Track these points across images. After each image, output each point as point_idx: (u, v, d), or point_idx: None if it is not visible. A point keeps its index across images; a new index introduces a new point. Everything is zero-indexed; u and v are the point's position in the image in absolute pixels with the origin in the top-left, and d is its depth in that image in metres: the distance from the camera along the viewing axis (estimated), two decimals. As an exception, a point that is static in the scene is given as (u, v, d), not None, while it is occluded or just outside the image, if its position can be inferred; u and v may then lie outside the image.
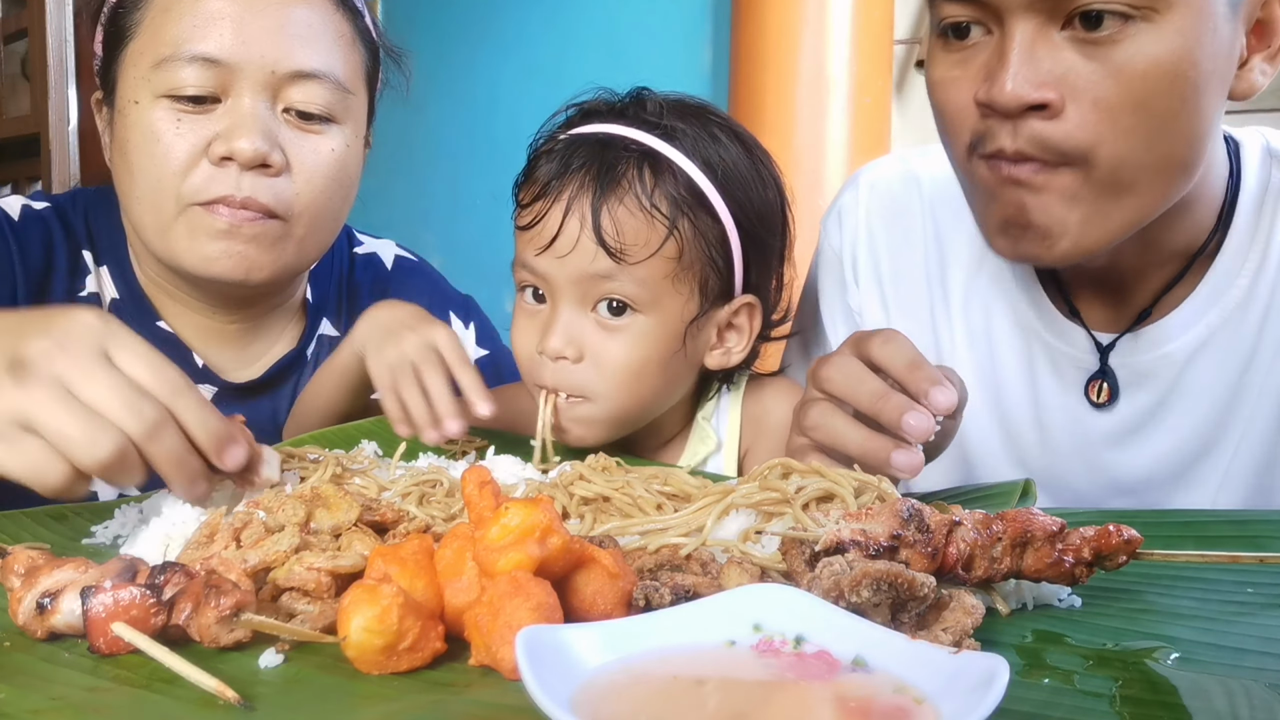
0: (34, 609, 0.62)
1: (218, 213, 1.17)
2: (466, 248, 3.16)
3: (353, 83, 1.25)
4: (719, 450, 1.19)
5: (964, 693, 0.47)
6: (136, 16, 1.19)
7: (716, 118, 1.15)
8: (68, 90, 4.32)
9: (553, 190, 1.07)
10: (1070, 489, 1.18)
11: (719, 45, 2.98)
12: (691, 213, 1.08)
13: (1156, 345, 1.11)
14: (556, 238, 1.06)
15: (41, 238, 1.28)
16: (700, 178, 1.08)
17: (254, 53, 1.16)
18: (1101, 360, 1.13)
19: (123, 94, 1.20)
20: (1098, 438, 1.15)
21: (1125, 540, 0.67)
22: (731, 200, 1.10)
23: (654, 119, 1.10)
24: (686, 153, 1.09)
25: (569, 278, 1.07)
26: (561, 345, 1.08)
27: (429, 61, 3.25)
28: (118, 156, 1.22)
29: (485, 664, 0.57)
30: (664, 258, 1.07)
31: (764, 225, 1.14)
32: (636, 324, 1.08)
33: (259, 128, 1.16)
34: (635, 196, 1.06)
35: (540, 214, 1.08)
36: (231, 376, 1.34)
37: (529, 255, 1.09)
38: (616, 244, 1.05)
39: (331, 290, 1.44)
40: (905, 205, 1.27)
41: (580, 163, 1.07)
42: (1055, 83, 0.92)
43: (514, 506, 0.60)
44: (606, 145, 1.08)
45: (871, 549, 0.63)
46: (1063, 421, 1.17)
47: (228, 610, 0.59)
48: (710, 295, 1.11)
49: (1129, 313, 1.13)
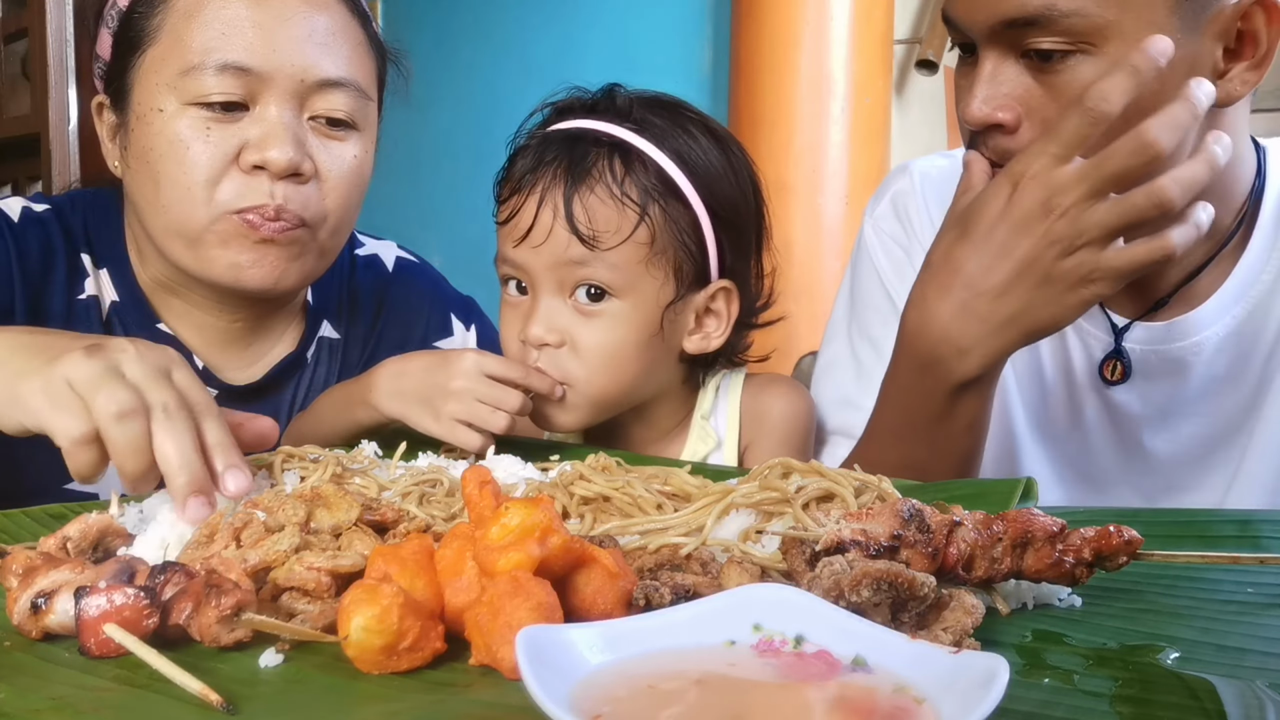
0: (28, 609, 0.62)
1: (251, 221, 1.17)
2: (467, 248, 3.15)
3: (370, 89, 1.26)
4: (719, 448, 1.21)
5: (964, 692, 0.47)
6: (155, 21, 1.18)
7: (689, 113, 1.19)
8: (68, 90, 4.31)
9: (527, 184, 1.12)
10: (1096, 466, 1.24)
11: (719, 45, 2.98)
12: (662, 199, 1.12)
13: (1186, 335, 1.17)
14: (532, 228, 1.11)
15: (40, 241, 1.27)
16: (670, 166, 1.13)
17: (284, 60, 1.16)
18: (1116, 341, 1.19)
19: (142, 100, 1.18)
20: (1124, 418, 1.21)
21: (1126, 541, 0.67)
22: (703, 188, 1.14)
23: (625, 113, 1.15)
24: (657, 143, 1.13)
25: (545, 266, 1.11)
26: (543, 332, 1.12)
27: (430, 63, 3.26)
28: (137, 164, 1.20)
29: (485, 664, 0.57)
30: (636, 243, 1.11)
31: (737, 214, 1.18)
32: (613, 308, 1.12)
33: (290, 137, 1.16)
34: (606, 185, 1.11)
35: (516, 208, 1.13)
36: (231, 378, 1.33)
37: (508, 248, 1.14)
38: (589, 231, 1.09)
39: (332, 293, 1.44)
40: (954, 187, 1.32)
41: (552, 156, 1.12)
42: (1012, 104, 1.04)
43: (514, 506, 0.60)
44: (578, 140, 1.13)
45: (872, 549, 0.63)
46: (1090, 399, 1.22)
47: (228, 610, 0.59)
48: (685, 280, 1.15)
49: (1147, 300, 1.18)
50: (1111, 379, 1.20)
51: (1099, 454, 1.24)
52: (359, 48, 1.24)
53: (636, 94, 1.18)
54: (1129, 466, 1.23)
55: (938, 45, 3.11)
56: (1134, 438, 1.22)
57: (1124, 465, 1.23)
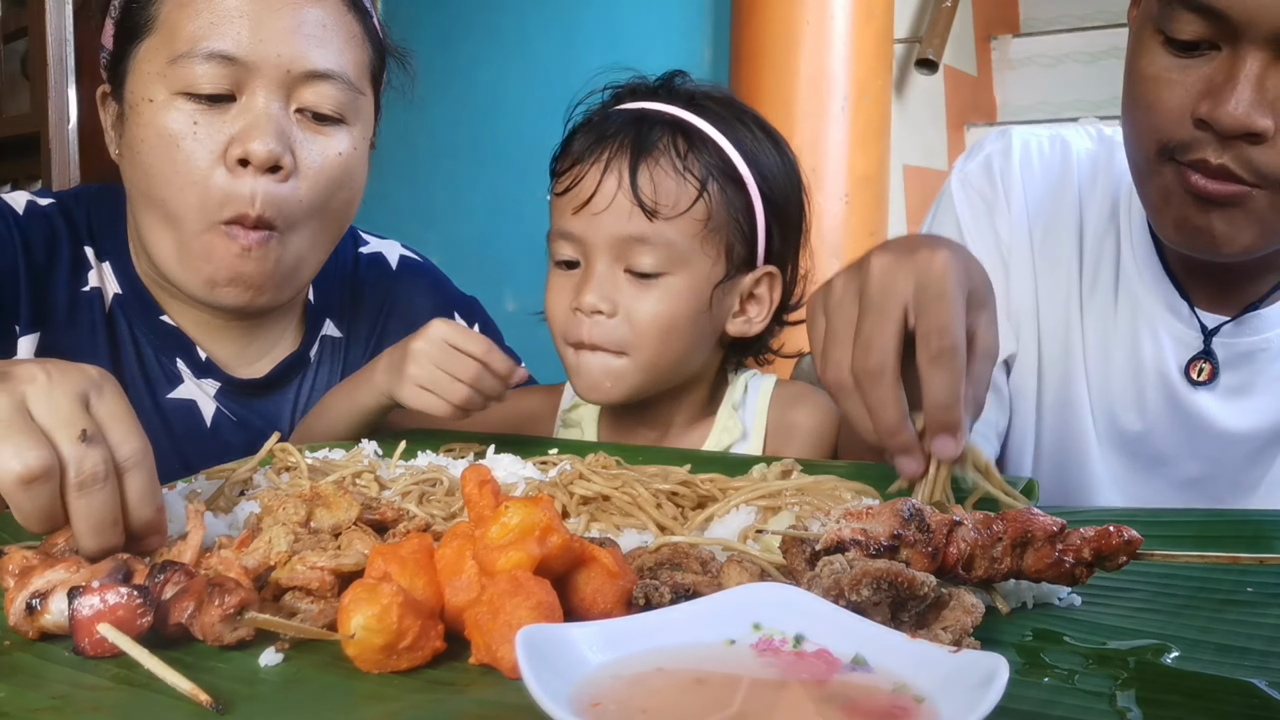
0: (24, 610, 0.62)
1: (234, 235, 1.17)
2: (468, 248, 3.16)
3: (362, 83, 1.25)
4: (744, 439, 1.23)
5: (964, 691, 0.47)
6: (151, 11, 1.18)
7: (744, 107, 1.23)
8: (68, 89, 4.31)
9: (590, 155, 1.14)
10: (1152, 449, 1.22)
11: (719, 45, 2.98)
12: (720, 179, 1.15)
13: (1257, 330, 1.16)
14: (594, 196, 1.12)
15: (45, 234, 1.28)
16: (730, 149, 1.16)
17: (270, 51, 1.16)
18: (1206, 342, 1.17)
19: (135, 90, 1.19)
20: (1190, 406, 1.19)
21: (1125, 541, 0.67)
22: (758, 175, 1.17)
23: (687, 98, 1.19)
24: (718, 127, 1.16)
25: (604, 234, 1.13)
26: (597, 300, 1.13)
27: (431, 62, 3.24)
28: (130, 154, 1.21)
29: (485, 662, 0.57)
30: (694, 218, 1.13)
31: (788, 203, 1.21)
32: (667, 281, 1.14)
33: (273, 129, 1.16)
34: (670, 159, 1.13)
35: (578, 177, 1.14)
36: (234, 372, 1.34)
37: (565, 218, 1.15)
38: (652, 201, 1.11)
39: (334, 290, 1.44)
40: (1058, 163, 1.30)
41: (616, 130, 1.15)
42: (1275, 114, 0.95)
43: (514, 505, 0.60)
44: (641, 118, 1.16)
45: (872, 548, 0.63)
46: (1158, 386, 1.21)
47: (231, 608, 0.59)
48: (735, 261, 1.18)
49: (1236, 302, 1.17)
50: (1198, 380, 1.18)
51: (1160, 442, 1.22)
52: (352, 40, 1.23)
53: (695, 84, 1.22)
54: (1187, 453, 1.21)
55: (938, 44, 3.11)
56: (1198, 425, 1.20)
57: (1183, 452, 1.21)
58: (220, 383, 1.32)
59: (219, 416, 1.31)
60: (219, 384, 1.32)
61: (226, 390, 1.32)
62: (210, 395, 1.31)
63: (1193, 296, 1.19)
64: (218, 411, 1.31)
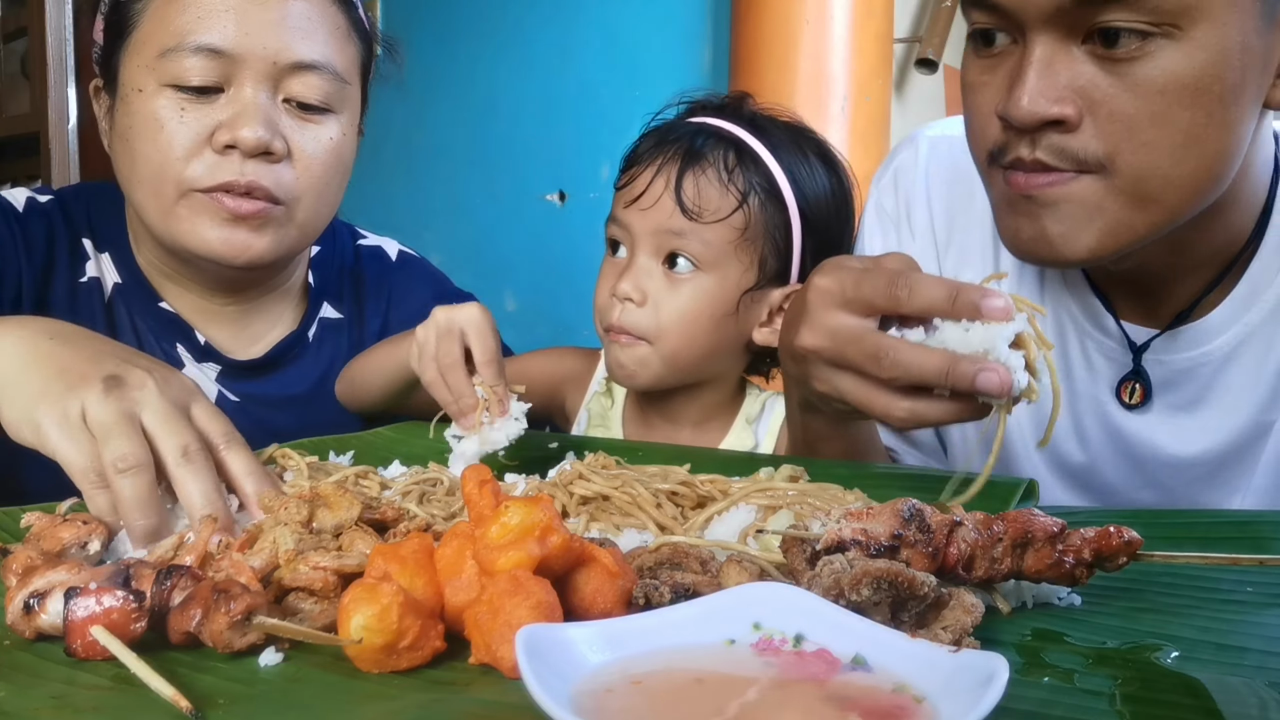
0: (21, 609, 0.62)
1: (220, 200, 1.19)
2: (466, 247, 3.16)
3: (349, 73, 1.28)
4: (756, 449, 1.29)
5: (964, 691, 0.47)
6: (139, 6, 1.21)
7: (810, 135, 1.32)
8: (67, 89, 4.32)
9: (647, 159, 1.27)
10: (1100, 478, 1.18)
11: (719, 45, 2.98)
12: (763, 195, 1.24)
13: (1194, 345, 1.10)
14: (643, 194, 1.24)
15: (44, 230, 1.30)
16: (777, 170, 1.25)
17: (256, 44, 1.18)
18: (1135, 360, 1.12)
19: (125, 82, 1.21)
20: (1130, 432, 1.14)
21: (1125, 541, 0.67)
22: (802, 198, 1.26)
23: (748, 119, 1.29)
24: (770, 149, 1.25)
25: (647, 229, 1.24)
26: (630, 288, 1.24)
27: (429, 61, 3.25)
28: (119, 143, 1.23)
29: (485, 662, 0.57)
30: (731, 226, 1.23)
31: (828, 229, 1.28)
32: (698, 280, 1.24)
33: (261, 117, 1.18)
34: (716, 170, 1.24)
35: (634, 176, 1.26)
36: (233, 354, 1.36)
37: (619, 209, 1.28)
38: (694, 205, 1.22)
39: (334, 277, 1.47)
40: (966, 166, 1.22)
41: (674, 138, 1.27)
42: (1072, 97, 0.91)
43: (514, 505, 0.60)
44: (700, 131, 1.27)
45: (872, 548, 0.63)
46: (1094, 412, 1.15)
47: (239, 614, 0.59)
48: (768, 273, 1.26)
49: (1164, 314, 1.11)
50: (1130, 402, 1.12)
51: (1108, 472, 1.16)
52: (337, 32, 1.26)
53: (764, 107, 1.33)
54: (1139, 482, 1.15)
55: (937, 44, 3.11)
56: (1144, 453, 1.14)
57: (1134, 481, 1.15)
58: (220, 366, 1.35)
59: (220, 399, 1.34)
60: (219, 367, 1.35)
61: (226, 373, 1.35)
62: (211, 379, 1.34)
63: (1117, 307, 1.12)
64: (219, 395, 1.34)
